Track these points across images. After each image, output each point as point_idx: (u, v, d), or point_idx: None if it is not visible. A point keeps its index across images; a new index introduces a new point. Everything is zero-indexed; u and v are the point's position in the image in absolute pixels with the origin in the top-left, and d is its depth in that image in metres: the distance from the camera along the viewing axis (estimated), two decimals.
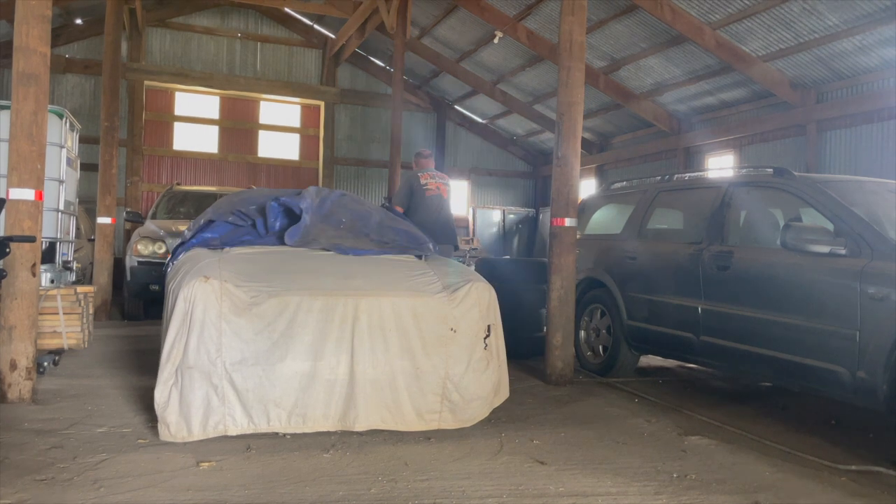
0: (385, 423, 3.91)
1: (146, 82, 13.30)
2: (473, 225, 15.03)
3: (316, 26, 14.49)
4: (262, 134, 14.55)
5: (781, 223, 4.78)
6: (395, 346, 3.93)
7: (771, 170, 4.99)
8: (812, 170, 9.03)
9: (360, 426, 3.85)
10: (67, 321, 5.28)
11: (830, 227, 4.22)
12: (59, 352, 5.46)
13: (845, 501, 3.22)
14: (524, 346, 6.48)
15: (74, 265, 6.41)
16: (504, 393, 4.32)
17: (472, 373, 4.07)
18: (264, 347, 3.73)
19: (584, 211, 6.67)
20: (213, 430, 3.66)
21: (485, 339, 4.15)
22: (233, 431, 3.69)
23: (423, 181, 6.86)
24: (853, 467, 3.67)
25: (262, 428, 3.73)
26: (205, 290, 3.70)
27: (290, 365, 3.75)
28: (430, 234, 5.40)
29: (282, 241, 4.58)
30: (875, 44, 7.92)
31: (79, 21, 12.63)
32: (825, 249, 4.11)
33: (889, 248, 3.89)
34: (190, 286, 3.71)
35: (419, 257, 4.72)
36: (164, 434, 3.63)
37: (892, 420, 3.73)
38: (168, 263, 5.14)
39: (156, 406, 3.64)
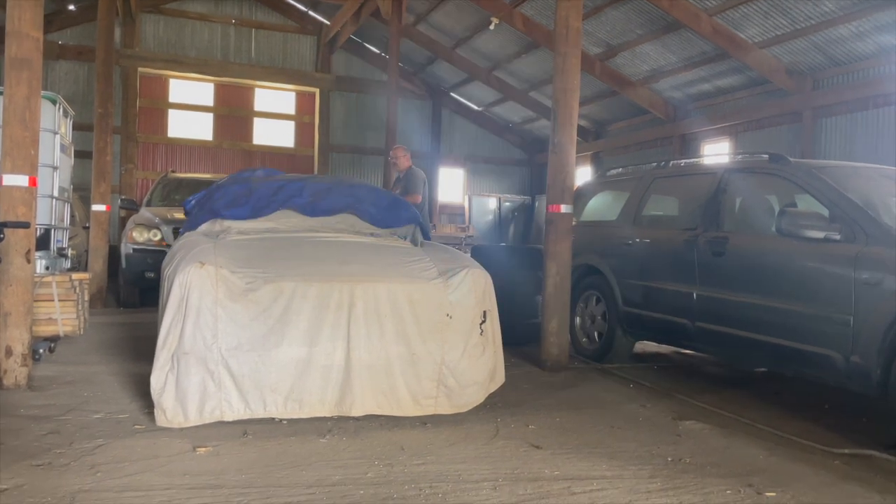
0: (381, 408, 3.92)
1: (140, 69, 13.21)
2: (469, 212, 15.02)
3: (311, 12, 14.39)
4: (256, 121, 14.49)
5: (777, 209, 4.79)
6: (390, 332, 3.93)
7: (766, 156, 4.98)
8: (808, 157, 9.02)
9: (357, 411, 3.86)
10: (63, 308, 5.27)
11: (825, 212, 4.23)
12: (54, 339, 5.45)
13: (838, 484, 3.24)
14: (520, 332, 6.49)
15: (69, 252, 6.38)
16: (500, 378, 4.33)
17: (467, 358, 4.08)
18: (260, 333, 3.73)
19: (579, 198, 6.67)
20: (210, 415, 3.66)
21: (481, 324, 4.15)
22: (229, 417, 3.69)
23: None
24: (846, 451, 3.70)
25: (259, 413, 3.74)
26: (200, 276, 3.69)
27: (287, 351, 3.75)
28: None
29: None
30: (872, 30, 7.91)
31: (72, 7, 12.53)
32: (820, 235, 4.12)
33: (883, 234, 3.90)
34: (185, 272, 3.70)
35: (414, 243, 4.72)
36: (161, 420, 3.63)
37: (884, 404, 3.76)
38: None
39: (152, 392, 3.64)
